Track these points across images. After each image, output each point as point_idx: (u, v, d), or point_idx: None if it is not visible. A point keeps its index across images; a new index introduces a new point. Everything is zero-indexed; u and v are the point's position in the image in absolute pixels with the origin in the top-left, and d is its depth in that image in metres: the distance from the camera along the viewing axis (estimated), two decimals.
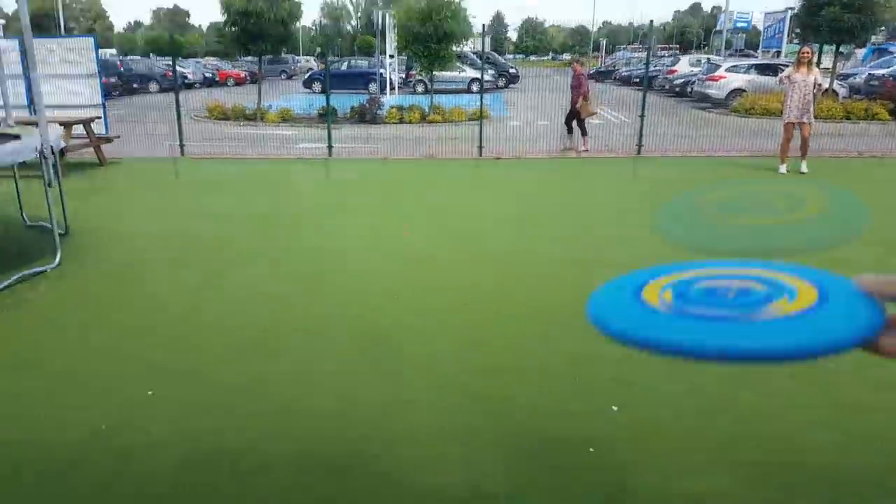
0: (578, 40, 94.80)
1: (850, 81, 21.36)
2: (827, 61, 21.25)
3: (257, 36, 16.55)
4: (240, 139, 14.14)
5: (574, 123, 12.57)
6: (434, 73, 17.81)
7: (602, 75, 38.10)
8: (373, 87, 24.70)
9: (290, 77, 37.17)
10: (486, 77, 29.08)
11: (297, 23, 18.46)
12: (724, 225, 0.85)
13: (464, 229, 6.85)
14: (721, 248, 0.76)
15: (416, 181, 10.14)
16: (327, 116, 13.03)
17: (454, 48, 17.87)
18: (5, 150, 5.18)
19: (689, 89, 23.77)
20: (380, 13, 24.86)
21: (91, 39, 12.40)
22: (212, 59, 44.39)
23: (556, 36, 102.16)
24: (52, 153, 5.46)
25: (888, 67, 21.47)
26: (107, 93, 20.30)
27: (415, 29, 16.51)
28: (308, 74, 29.97)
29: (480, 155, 12.07)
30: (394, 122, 16.68)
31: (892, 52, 31.75)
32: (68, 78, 11.88)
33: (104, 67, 29.12)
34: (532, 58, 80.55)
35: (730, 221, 0.86)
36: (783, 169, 9.75)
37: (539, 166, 11.28)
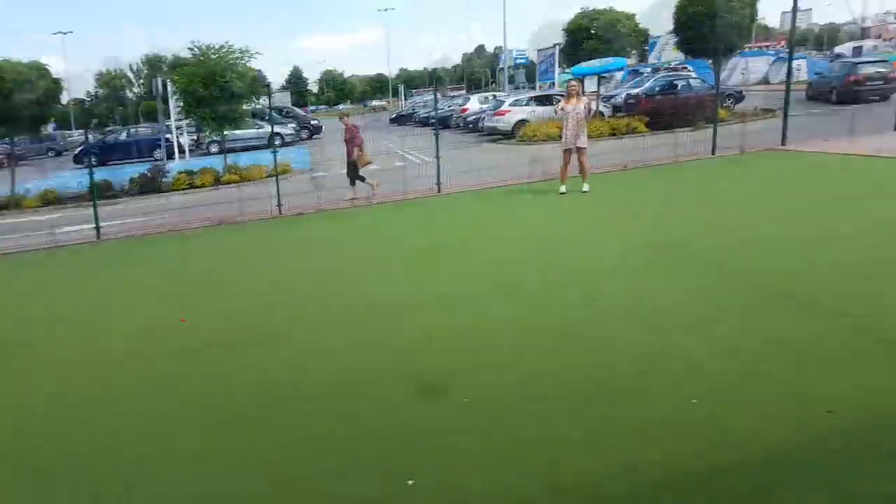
0: (378, 87, 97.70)
1: (613, 101, 24.03)
2: (592, 85, 23.77)
3: (7, 118, 14.77)
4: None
5: (355, 174, 12.52)
6: (227, 132, 17.03)
7: (403, 119, 39.21)
8: (158, 153, 22.99)
9: (59, 154, 33.99)
10: (288, 130, 28.69)
11: (60, 99, 17.09)
12: None
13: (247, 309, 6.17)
14: None
15: (203, 256, 9.12)
16: (93, 195, 11.40)
17: (246, 106, 17.46)
18: None
19: (480, 125, 25.11)
20: (159, 80, 23.57)
21: None
22: None
23: (357, 85, 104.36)
24: None
25: (640, 87, 24.56)
26: None
27: (198, 93, 15.76)
28: (79, 149, 27.12)
29: (280, 213, 11.40)
30: (183, 189, 15.41)
31: (643, 73, 36.61)
32: None
33: None
34: (341, 107, 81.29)
35: None
36: (563, 189, 10.47)
37: (343, 218, 10.89)
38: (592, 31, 21.80)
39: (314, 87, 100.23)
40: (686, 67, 32.94)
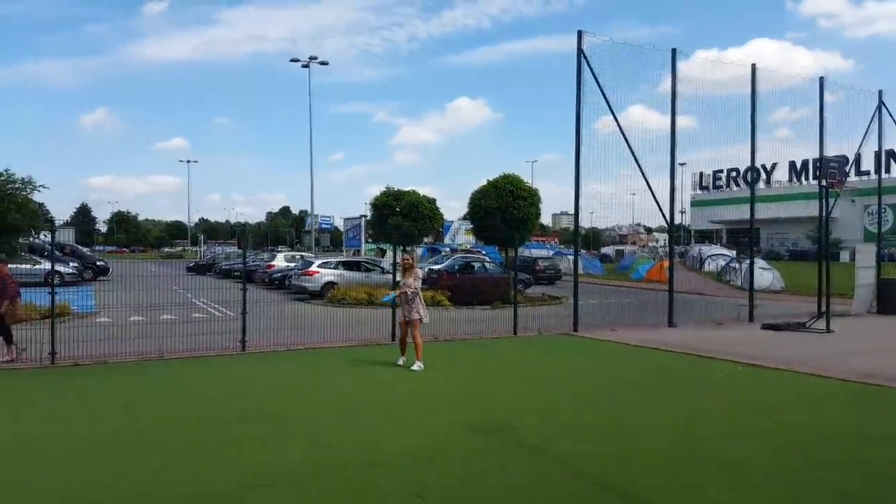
0: (175, 234, 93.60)
1: None
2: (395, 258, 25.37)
3: None
4: None
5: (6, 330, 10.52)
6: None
7: (202, 268, 37.80)
8: None
9: None
10: (68, 270, 26.01)
11: None
12: None
13: None
14: None
15: None
16: None
17: (22, 240, 16.00)
18: None
19: (287, 282, 25.16)
20: None
21: None
22: None
23: (152, 230, 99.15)
24: None
25: (441, 264, 26.80)
26: None
27: None
28: None
29: (53, 362, 10.10)
30: None
31: (441, 252, 40.01)
32: None
33: None
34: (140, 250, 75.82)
35: None
36: (400, 360, 10.33)
37: (125, 371, 9.94)
38: (397, 210, 23.96)
39: (103, 227, 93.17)
40: (480, 251, 36.90)
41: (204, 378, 9.61)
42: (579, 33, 15.11)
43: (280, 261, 30.46)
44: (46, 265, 22.35)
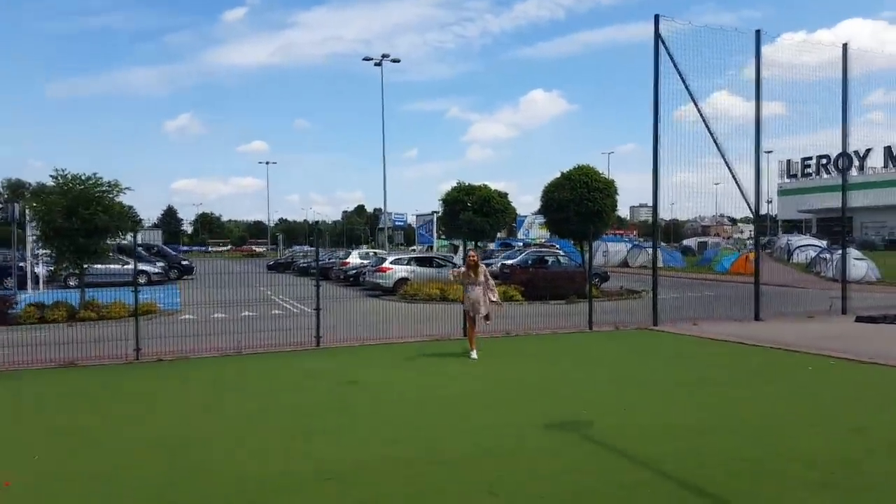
0: (257, 234, 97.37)
1: (490, 269, 25.61)
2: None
3: None
4: None
5: None
6: (88, 266, 16.21)
7: (281, 266, 39.05)
8: (9, 282, 21.06)
9: None
10: (155, 269, 27.49)
11: None
12: None
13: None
14: None
15: (39, 404, 8.07)
16: None
17: (109, 241, 16.95)
18: None
19: (361, 279, 25.57)
20: (16, 205, 22.38)
21: None
22: None
23: (234, 230, 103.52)
24: None
25: (514, 259, 26.51)
26: None
27: (57, 223, 15.09)
28: None
29: (137, 358, 10.59)
30: (32, 323, 14.03)
31: (514, 247, 39.65)
32: None
33: None
34: (223, 248, 79.57)
35: None
36: (474, 354, 10.31)
37: (206, 367, 10.28)
38: (469, 205, 23.82)
39: (189, 228, 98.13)
40: (554, 246, 36.29)
41: (278, 373, 9.81)
42: (656, 18, 14.52)
43: (354, 258, 31.04)
44: (132, 265, 23.74)
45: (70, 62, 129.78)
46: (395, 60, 41.82)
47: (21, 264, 21.88)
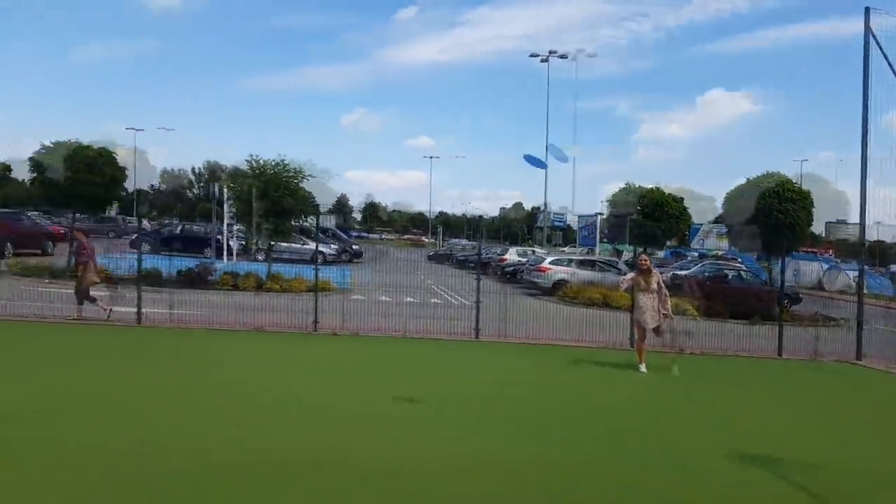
0: (418, 224, 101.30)
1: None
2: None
3: (73, 196, 16.05)
4: (40, 299, 12.08)
5: (84, 291, 11.31)
6: (274, 243, 17.94)
7: (440, 257, 40.15)
8: (208, 251, 23.71)
9: (118, 236, 35.46)
10: (330, 251, 29.48)
11: (123, 186, 18.89)
12: None
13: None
14: None
15: (230, 358, 8.89)
16: (139, 282, 11.58)
17: (293, 222, 18.60)
18: None
19: (518, 276, 25.39)
20: (216, 185, 25.22)
21: None
22: (34, 212, 41.06)
23: (398, 219, 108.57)
24: None
25: (687, 270, 24.60)
26: None
27: (251, 203, 16.82)
28: (135, 235, 28.23)
29: (315, 329, 11.29)
30: (226, 289, 15.58)
31: (686, 256, 37.02)
32: None
33: None
34: (391, 237, 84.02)
35: None
36: (643, 368, 9.64)
37: (379, 344, 10.74)
38: (638, 208, 22.40)
39: (358, 216, 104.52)
40: (736, 259, 33.23)
41: (440, 359, 10.01)
42: (867, 10, 12.65)
43: (512, 255, 30.98)
44: (313, 245, 25.73)
45: (260, 60, 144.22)
46: (563, 56, 41.14)
47: (218, 237, 24.51)
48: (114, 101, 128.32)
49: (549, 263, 23.57)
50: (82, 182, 16.03)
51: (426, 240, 77.22)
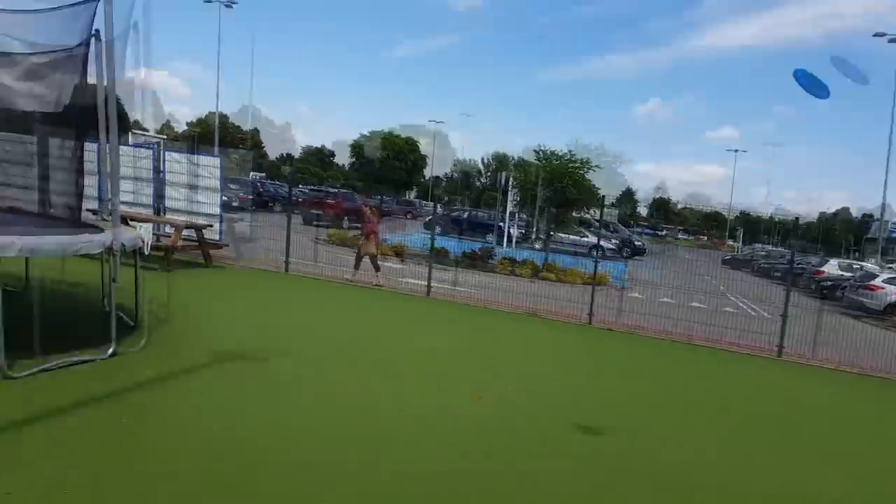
0: (713, 224, 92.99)
1: None
2: None
3: (382, 178, 18.09)
4: (348, 265, 13.69)
5: (366, 260, 12.34)
6: (554, 233, 17.82)
7: (737, 262, 35.95)
8: (490, 237, 24.74)
9: (414, 218, 39.29)
10: (609, 245, 28.52)
11: (423, 172, 20.70)
12: None
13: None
14: None
15: (507, 340, 9.02)
16: (430, 258, 12.46)
17: (575, 214, 18.34)
18: (75, 241, 5.32)
19: (839, 293, 21.32)
20: (503, 174, 26.21)
21: (218, 159, 13.09)
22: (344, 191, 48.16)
23: (689, 216, 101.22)
24: (118, 251, 5.66)
25: None
26: (243, 207, 21.50)
27: (535, 192, 16.91)
28: (429, 218, 30.92)
29: (590, 322, 10.73)
30: (504, 273, 15.89)
31: None
32: (194, 189, 12.42)
33: (248, 187, 32.03)
34: (681, 236, 79.26)
35: None
36: None
37: (658, 347, 9.75)
38: None
39: (644, 210, 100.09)
40: None
41: (730, 374, 8.64)
42: None
43: (832, 267, 26.29)
44: (591, 239, 25.29)
45: (556, 51, 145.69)
46: None
47: (500, 224, 25.42)
48: (419, 93, 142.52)
49: (883, 282, 19.34)
50: (390, 167, 17.92)
51: (730, 242, 70.15)
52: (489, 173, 78.63)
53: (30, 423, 4.02)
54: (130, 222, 8.72)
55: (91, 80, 5.63)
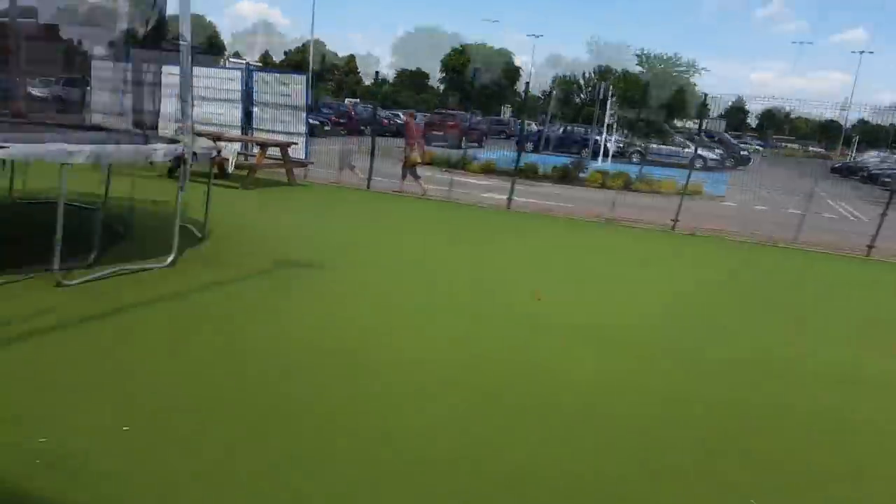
0: (828, 135, 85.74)
1: None
2: None
3: (469, 94, 18.15)
4: (433, 182, 13.83)
5: (408, 171, 12.69)
6: (652, 145, 17.63)
7: (848, 171, 33.72)
8: (584, 152, 24.72)
9: (508, 137, 38.84)
10: (712, 155, 27.52)
11: (517, 85, 20.27)
12: None
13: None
14: None
15: (579, 246, 9.50)
16: (514, 174, 12.80)
17: (676, 123, 17.92)
18: (145, 149, 5.54)
19: None
20: (602, 84, 25.57)
21: (303, 77, 13.62)
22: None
23: (802, 127, 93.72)
24: (188, 161, 5.58)
25: None
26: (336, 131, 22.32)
27: (633, 100, 16.73)
28: (519, 136, 30.91)
29: (673, 229, 11.08)
30: (594, 186, 16.27)
31: None
32: (280, 108, 13.16)
33: (341, 112, 33.30)
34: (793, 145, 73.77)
35: None
36: None
37: (734, 248, 10.08)
38: None
39: (753, 121, 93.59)
40: None
41: (819, 272, 9.00)
42: None
43: None
44: (692, 149, 24.36)
45: None
46: None
47: (596, 138, 25.18)
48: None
49: None
50: (487, 85, 17.86)
51: (847, 151, 64.67)
52: (590, 89, 75.72)
53: (78, 324, 4.18)
54: (217, 142, 8.43)
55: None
